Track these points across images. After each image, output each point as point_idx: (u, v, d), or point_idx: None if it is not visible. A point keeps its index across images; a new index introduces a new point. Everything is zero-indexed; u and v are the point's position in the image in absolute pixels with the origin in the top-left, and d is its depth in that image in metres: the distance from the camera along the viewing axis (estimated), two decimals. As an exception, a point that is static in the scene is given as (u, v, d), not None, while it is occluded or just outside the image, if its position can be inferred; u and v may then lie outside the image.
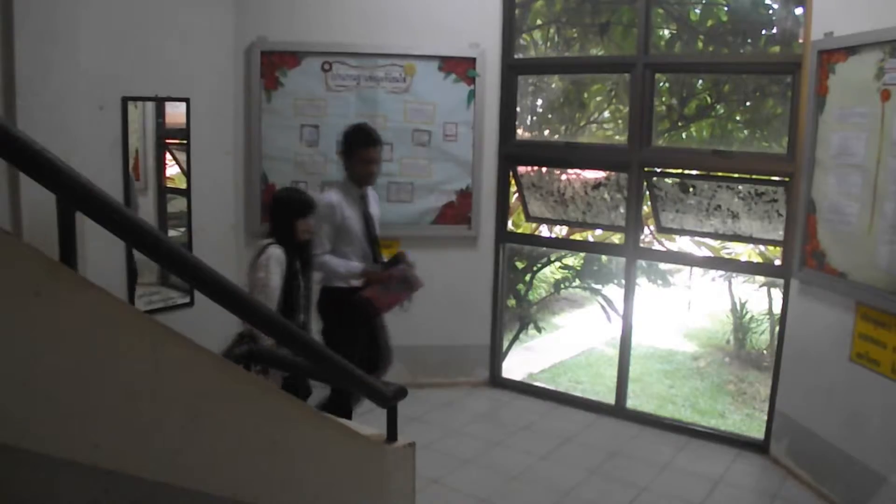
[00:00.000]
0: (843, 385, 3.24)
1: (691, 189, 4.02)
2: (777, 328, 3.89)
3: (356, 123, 3.58)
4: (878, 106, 2.97)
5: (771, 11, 4.37)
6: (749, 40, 4.38)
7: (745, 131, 4.88)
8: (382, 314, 3.49)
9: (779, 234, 3.81)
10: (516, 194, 4.92)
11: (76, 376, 1.20)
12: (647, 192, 4.25)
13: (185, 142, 4.07)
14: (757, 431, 4.21)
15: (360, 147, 3.39)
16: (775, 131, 4.37)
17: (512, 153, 4.63)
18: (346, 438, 2.04)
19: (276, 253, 3.00)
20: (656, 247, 5.66)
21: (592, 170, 4.53)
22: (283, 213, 3.11)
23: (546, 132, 5.59)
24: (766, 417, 3.91)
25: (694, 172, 4.04)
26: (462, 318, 4.70)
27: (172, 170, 4.15)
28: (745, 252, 6.11)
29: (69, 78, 3.06)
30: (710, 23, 4.58)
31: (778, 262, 4.10)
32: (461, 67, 4.46)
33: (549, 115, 5.57)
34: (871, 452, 3.07)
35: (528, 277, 6.33)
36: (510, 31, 4.53)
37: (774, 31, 4.28)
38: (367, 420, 3.33)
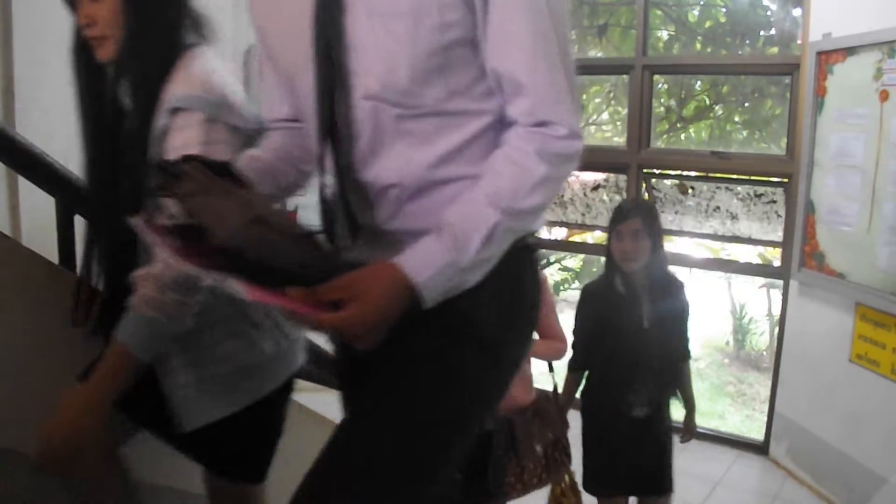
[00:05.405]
0: (843, 386, 3.24)
1: (690, 190, 4.02)
2: (776, 329, 3.89)
3: None
4: (877, 107, 2.97)
5: (769, 13, 4.37)
6: (747, 41, 4.38)
7: (744, 132, 4.88)
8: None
9: (778, 236, 3.81)
10: (515, 196, 4.91)
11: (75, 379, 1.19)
12: (646, 194, 4.25)
13: (183, 144, 4.07)
14: (757, 433, 4.20)
15: None
16: (774, 132, 4.37)
17: (511, 155, 4.62)
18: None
19: None
20: (655, 248, 5.64)
21: (591, 171, 4.53)
22: None
23: (545, 134, 5.58)
24: (765, 419, 3.90)
25: (693, 174, 4.04)
26: (461, 320, 4.68)
27: (171, 172, 4.15)
28: (744, 253, 6.10)
29: (68, 81, 3.06)
30: (708, 24, 4.59)
31: (777, 264, 4.10)
32: (460, 69, 4.45)
33: (548, 117, 5.56)
34: (871, 453, 3.07)
35: (527, 279, 6.32)
36: (509, 33, 4.53)
37: (773, 32, 4.28)
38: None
